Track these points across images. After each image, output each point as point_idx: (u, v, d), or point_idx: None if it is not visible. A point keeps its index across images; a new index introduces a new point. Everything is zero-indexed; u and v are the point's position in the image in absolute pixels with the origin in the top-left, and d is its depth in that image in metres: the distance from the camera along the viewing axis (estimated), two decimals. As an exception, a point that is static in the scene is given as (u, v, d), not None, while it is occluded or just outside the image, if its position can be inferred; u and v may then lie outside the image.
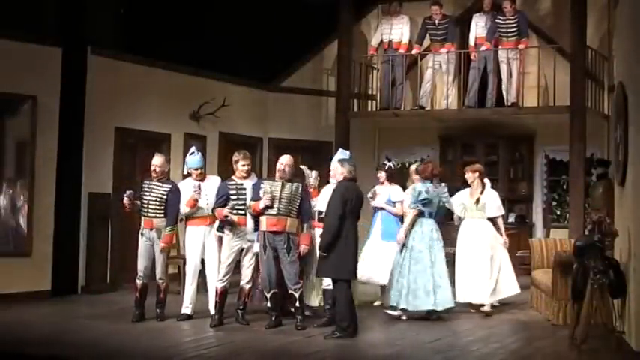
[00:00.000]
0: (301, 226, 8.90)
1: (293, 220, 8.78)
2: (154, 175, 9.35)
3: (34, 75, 10.84)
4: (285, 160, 8.91)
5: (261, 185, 8.87)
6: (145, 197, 9.26)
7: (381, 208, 10.24)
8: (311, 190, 9.46)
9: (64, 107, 11.14)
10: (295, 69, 15.11)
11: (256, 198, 8.81)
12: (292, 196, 8.76)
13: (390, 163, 10.97)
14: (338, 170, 8.67)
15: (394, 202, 10.22)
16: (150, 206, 9.22)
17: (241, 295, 9.06)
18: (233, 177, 9.14)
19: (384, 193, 10.29)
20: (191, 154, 9.50)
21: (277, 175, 8.88)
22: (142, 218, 9.29)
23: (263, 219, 8.77)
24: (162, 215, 9.22)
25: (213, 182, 9.34)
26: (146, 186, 9.35)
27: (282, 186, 8.79)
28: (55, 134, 11.06)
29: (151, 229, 9.21)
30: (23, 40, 10.74)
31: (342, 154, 9.54)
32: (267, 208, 8.70)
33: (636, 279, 7.34)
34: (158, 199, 9.22)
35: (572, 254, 8.11)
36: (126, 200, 9.19)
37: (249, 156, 9.26)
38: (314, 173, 9.80)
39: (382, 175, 10.39)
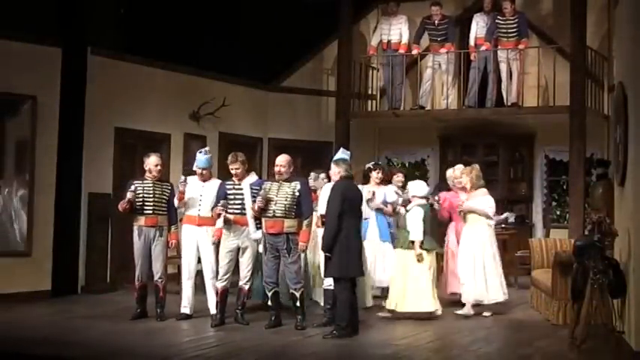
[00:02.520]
0: (301, 224, 8.86)
1: (291, 220, 8.73)
2: (152, 174, 9.35)
3: (34, 75, 10.84)
4: (280, 161, 8.86)
5: (263, 185, 8.88)
6: (147, 195, 9.25)
7: (377, 209, 10.16)
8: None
9: (64, 107, 11.13)
10: (295, 69, 15.11)
11: (256, 198, 8.82)
12: (289, 196, 8.72)
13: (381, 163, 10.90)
14: (334, 170, 8.66)
15: (387, 203, 10.18)
16: (155, 204, 9.23)
17: (240, 295, 9.05)
18: (233, 178, 9.16)
19: (380, 193, 10.22)
20: (200, 152, 9.47)
21: (276, 176, 8.88)
22: (141, 217, 9.25)
23: (263, 220, 8.78)
24: (165, 213, 9.29)
25: (213, 185, 9.28)
26: (140, 183, 9.34)
27: (279, 187, 8.78)
28: (55, 134, 11.06)
29: (154, 227, 9.21)
30: (23, 40, 10.74)
31: (342, 153, 9.53)
32: (263, 209, 8.70)
33: (636, 279, 7.34)
34: (163, 198, 9.27)
35: (572, 254, 8.11)
36: (131, 195, 9.15)
37: (241, 158, 9.10)
38: (313, 174, 9.78)
39: (380, 175, 10.32)
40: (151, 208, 9.24)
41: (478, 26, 13.67)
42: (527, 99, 13.42)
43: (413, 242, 9.20)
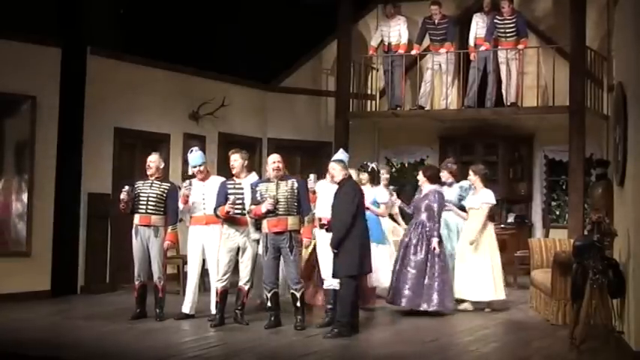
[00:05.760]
0: (302, 221, 8.83)
1: (294, 217, 8.74)
2: (150, 172, 9.34)
3: (34, 75, 10.84)
4: (275, 158, 8.88)
5: (257, 188, 8.85)
6: (142, 194, 9.24)
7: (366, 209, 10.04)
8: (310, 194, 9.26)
9: (64, 107, 11.13)
10: (295, 69, 15.12)
11: (254, 201, 8.80)
12: (289, 193, 8.72)
13: (373, 164, 10.86)
14: (337, 170, 8.63)
15: (379, 204, 10.18)
16: (149, 203, 9.20)
17: (240, 296, 9.04)
18: (233, 177, 9.16)
19: (369, 194, 10.10)
20: (190, 152, 9.50)
21: (272, 175, 8.85)
22: (137, 215, 9.24)
23: (264, 220, 8.76)
24: (161, 213, 9.23)
25: (214, 182, 9.26)
26: (141, 184, 9.33)
27: (277, 186, 8.77)
28: (54, 134, 11.06)
29: (148, 226, 9.18)
30: (23, 40, 10.74)
31: (342, 154, 9.51)
32: (268, 212, 8.70)
33: (636, 279, 7.33)
34: (159, 197, 9.22)
35: (571, 254, 8.11)
36: (124, 195, 9.15)
37: (242, 152, 9.20)
38: (312, 176, 9.74)
39: (365, 176, 10.25)
40: (143, 207, 9.23)
41: (478, 26, 13.69)
42: (526, 99, 13.43)
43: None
